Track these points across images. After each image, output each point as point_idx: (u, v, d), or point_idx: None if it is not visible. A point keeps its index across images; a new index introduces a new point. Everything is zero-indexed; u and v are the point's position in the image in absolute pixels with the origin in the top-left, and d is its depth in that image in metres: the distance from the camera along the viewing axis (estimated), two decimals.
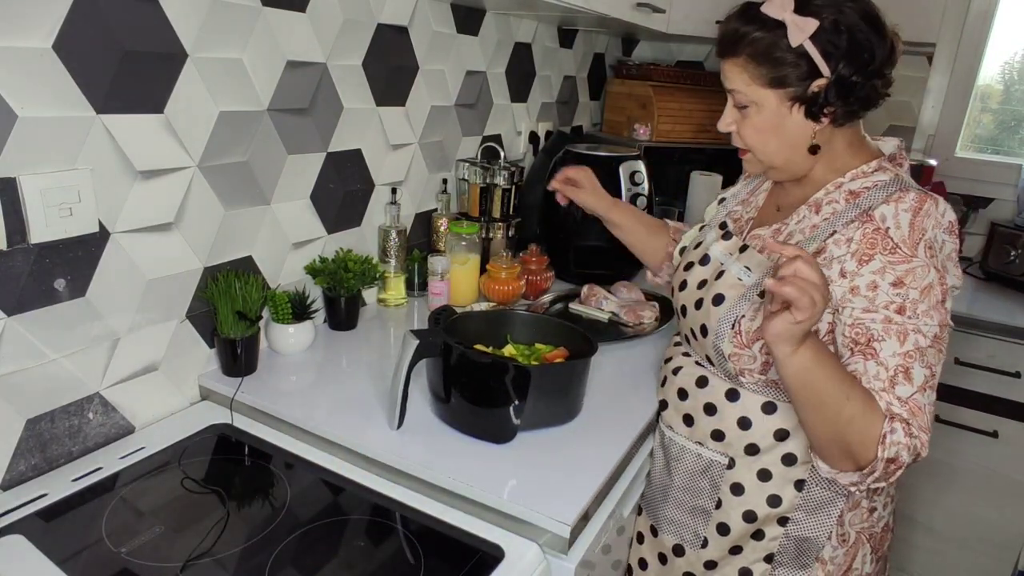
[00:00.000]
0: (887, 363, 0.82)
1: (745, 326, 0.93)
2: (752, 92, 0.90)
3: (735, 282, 0.98)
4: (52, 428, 0.96)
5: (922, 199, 0.86)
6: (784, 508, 0.98)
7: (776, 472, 0.98)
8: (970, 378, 1.77)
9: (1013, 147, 2.21)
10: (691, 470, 1.06)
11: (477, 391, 1.03)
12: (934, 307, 0.83)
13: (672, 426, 1.09)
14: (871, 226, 0.86)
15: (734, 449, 1.00)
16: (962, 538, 1.89)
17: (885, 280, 0.84)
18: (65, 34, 0.88)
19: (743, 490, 1.00)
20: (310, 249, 1.37)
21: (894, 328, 0.82)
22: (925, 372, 0.82)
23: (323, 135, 1.33)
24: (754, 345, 0.93)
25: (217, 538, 0.86)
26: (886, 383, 0.82)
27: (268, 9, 1.15)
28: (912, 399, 0.81)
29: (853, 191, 0.91)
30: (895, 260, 0.84)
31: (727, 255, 1.02)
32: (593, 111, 2.52)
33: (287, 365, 1.24)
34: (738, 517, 1.01)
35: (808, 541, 0.98)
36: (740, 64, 0.90)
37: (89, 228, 0.94)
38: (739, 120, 0.95)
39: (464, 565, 0.85)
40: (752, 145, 0.95)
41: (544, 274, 1.63)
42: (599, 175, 1.66)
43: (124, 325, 1.03)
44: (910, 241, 0.84)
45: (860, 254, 0.85)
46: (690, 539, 1.07)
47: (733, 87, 0.92)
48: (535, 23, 1.99)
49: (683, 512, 1.07)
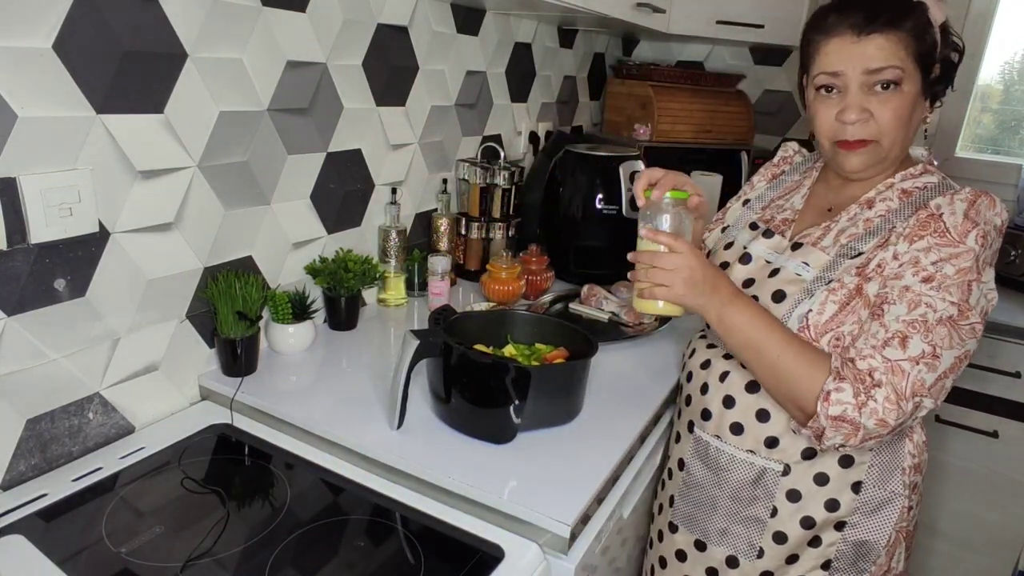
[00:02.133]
0: (888, 325, 0.83)
1: (813, 320, 0.92)
2: (909, 69, 0.88)
3: (794, 277, 0.96)
4: (52, 428, 0.96)
5: (977, 193, 0.87)
6: (842, 512, 0.96)
7: (833, 475, 0.96)
8: (970, 378, 1.77)
9: (1013, 147, 2.21)
10: (742, 480, 1.01)
11: (477, 391, 1.03)
12: (960, 289, 0.83)
13: (719, 435, 1.03)
14: (924, 212, 0.88)
15: (789, 455, 0.97)
16: (962, 538, 1.89)
17: (928, 258, 0.85)
18: (65, 34, 0.88)
19: (800, 496, 0.97)
20: (310, 249, 1.37)
21: (908, 296, 0.84)
22: (925, 347, 0.82)
23: (323, 135, 1.33)
24: (823, 338, 0.91)
25: (217, 538, 0.86)
26: (879, 344, 0.83)
27: (268, 9, 1.15)
28: (898, 363, 0.81)
29: (905, 190, 0.93)
30: (943, 243, 0.85)
31: (775, 253, 1.01)
32: (593, 111, 2.52)
33: (287, 365, 1.24)
34: (795, 524, 0.98)
35: (866, 545, 0.96)
36: (899, 39, 0.87)
37: (89, 228, 0.95)
38: (874, 106, 0.89)
39: (464, 565, 0.85)
40: (888, 131, 0.90)
41: (544, 274, 1.63)
42: (599, 175, 1.68)
43: (124, 325, 1.03)
44: (961, 228, 0.85)
45: (911, 236, 0.87)
46: (744, 550, 1.02)
47: (888, 63, 0.87)
48: (535, 23, 1.99)
49: (735, 523, 1.03)
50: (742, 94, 2.31)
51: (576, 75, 2.33)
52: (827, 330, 0.91)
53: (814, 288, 0.93)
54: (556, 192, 1.72)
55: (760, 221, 1.08)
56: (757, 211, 1.11)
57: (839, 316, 0.90)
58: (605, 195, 1.67)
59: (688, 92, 2.19)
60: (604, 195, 1.67)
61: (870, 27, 0.87)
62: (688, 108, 2.16)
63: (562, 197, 1.71)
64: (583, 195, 1.68)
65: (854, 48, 0.88)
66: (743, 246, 1.07)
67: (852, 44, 0.88)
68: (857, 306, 0.89)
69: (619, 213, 1.67)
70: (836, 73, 0.90)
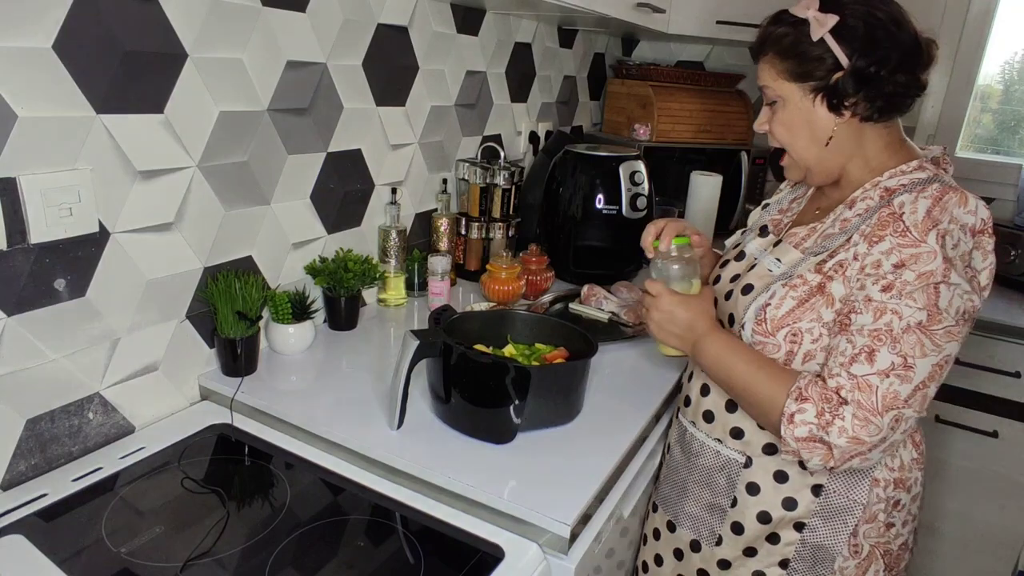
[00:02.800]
0: (855, 340, 0.84)
1: (770, 314, 0.93)
2: (778, 87, 0.95)
3: (764, 273, 0.99)
4: (52, 428, 0.96)
5: (944, 190, 0.85)
6: (800, 512, 0.97)
7: (793, 474, 0.97)
8: (970, 378, 1.77)
9: (1013, 147, 2.21)
10: (709, 466, 1.05)
11: (477, 391, 1.03)
12: (924, 293, 0.81)
13: (695, 422, 1.09)
14: (887, 211, 0.87)
15: (752, 448, 1.00)
16: (962, 538, 1.89)
17: (889, 261, 0.84)
18: (65, 34, 0.88)
19: (759, 490, 1.00)
20: (310, 249, 1.37)
21: (873, 306, 0.84)
22: (894, 359, 0.81)
23: (323, 135, 1.33)
24: (778, 333, 0.92)
25: (217, 538, 0.86)
26: (847, 360, 0.84)
27: (268, 9, 1.15)
28: (865, 378, 0.82)
29: (889, 188, 0.92)
30: (904, 243, 0.84)
31: (761, 250, 1.04)
32: (593, 111, 2.52)
33: (287, 365, 1.24)
34: (752, 517, 1.00)
35: (823, 549, 0.97)
36: (768, 61, 0.95)
37: (89, 228, 0.95)
38: (771, 119, 0.99)
39: (464, 565, 0.85)
40: (783, 141, 0.99)
41: (544, 274, 1.63)
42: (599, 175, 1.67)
43: (124, 325, 1.03)
44: (922, 227, 0.83)
45: (871, 236, 0.87)
46: (706, 535, 1.06)
47: (763, 84, 0.97)
48: (535, 23, 1.99)
49: (700, 508, 1.07)
50: (742, 94, 2.31)
51: (576, 75, 2.33)
52: (783, 324, 0.92)
53: (776, 283, 0.95)
54: (556, 192, 1.72)
55: (771, 224, 1.10)
56: (774, 214, 1.12)
57: (796, 311, 0.91)
58: (605, 195, 1.67)
59: (688, 92, 2.19)
60: (604, 195, 1.67)
61: (754, 53, 0.99)
62: (688, 108, 2.16)
63: (562, 197, 1.71)
64: (583, 195, 1.68)
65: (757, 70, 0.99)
66: (744, 245, 1.09)
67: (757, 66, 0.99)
68: (817, 303, 0.90)
69: (619, 213, 1.67)
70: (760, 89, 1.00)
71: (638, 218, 1.68)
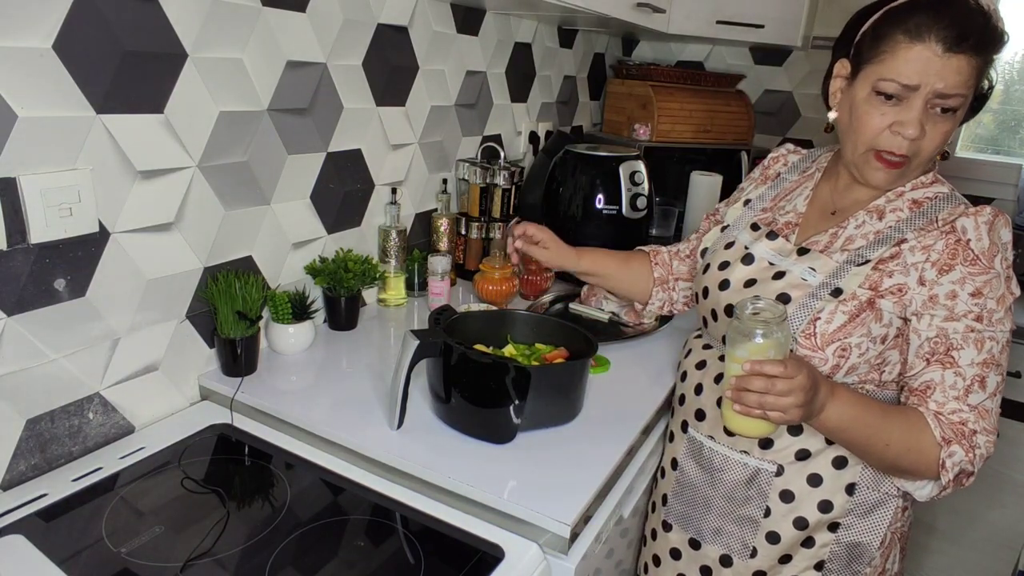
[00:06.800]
0: (964, 373, 0.87)
1: (820, 328, 0.91)
2: (968, 90, 0.84)
3: (800, 282, 0.96)
4: (52, 428, 0.96)
5: (996, 213, 0.89)
6: (835, 513, 0.97)
7: (827, 476, 0.96)
8: None
9: (1013, 147, 2.21)
10: (735, 480, 1.02)
11: (477, 391, 1.03)
12: (1006, 315, 0.88)
13: (713, 436, 1.04)
14: (953, 237, 0.88)
15: (783, 455, 0.98)
16: (962, 538, 1.89)
17: (964, 290, 0.87)
18: (65, 34, 0.88)
19: (793, 497, 0.98)
20: (310, 249, 1.37)
21: (973, 336, 0.87)
22: (998, 379, 0.88)
23: (323, 135, 1.33)
24: (828, 348, 0.91)
25: (217, 538, 0.86)
26: (961, 392, 0.87)
27: (268, 9, 1.15)
28: (982, 404, 0.87)
29: (916, 200, 0.94)
30: (975, 272, 0.87)
31: (780, 257, 1.01)
32: (593, 111, 2.52)
33: (287, 365, 1.24)
34: (788, 525, 0.98)
35: (860, 546, 0.97)
36: (975, 66, 0.82)
37: (89, 228, 0.95)
38: (928, 126, 0.86)
39: (464, 565, 0.85)
40: (928, 153, 0.88)
41: (544, 274, 1.63)
42: (599, 175, 1.67)
43: (124, 325, 1.03)
44: (988, 253, 0.87)
45: (941, 264, 0.88)
46: (738, 549, 1.02)
47: (958, 91, 0.83)
48: (535, 23, 1.99)
49: (729, 522, 1.03)
50: (742, 94, 2.31)
51: (576, 75, 2.33)
52: (834, 339, 0.91)
53: (820, 293, 0.93)
54: (556, 192, 1.72)
55: (761, 223, 1.08)
56: (757, 212, 1.11)
57: (847, 327, 0.91)
58: (605, 195, 1.66)
59: (688, 92, 2.19)
60: (604, 195, 1.66)
61: (960, 46, 0.81)
62: (688, 108, 2.16)
63: (562, 197, 1.71)
64: (583, 195, 1.67)
65: (937, 63, 0.82)
66: (744, 246, 1.06)
67: (936, 58, 0.82)
68: (867, 319, 0.90)
69: (619, 213, 1.67)
70: (911, 86, 0.84)
71: (638, 218, 1.68)
